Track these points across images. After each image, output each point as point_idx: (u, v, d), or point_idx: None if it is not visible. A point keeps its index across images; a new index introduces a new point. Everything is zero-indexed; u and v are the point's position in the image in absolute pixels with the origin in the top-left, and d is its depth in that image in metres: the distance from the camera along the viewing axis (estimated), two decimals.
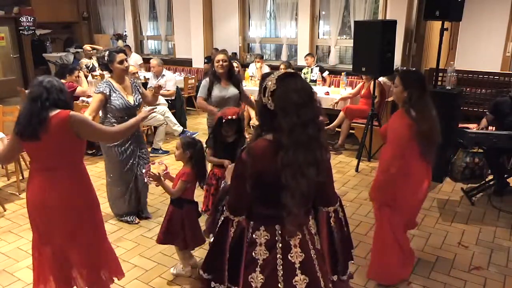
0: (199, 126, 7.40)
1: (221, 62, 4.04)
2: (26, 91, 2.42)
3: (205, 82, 4.16)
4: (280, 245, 1.83)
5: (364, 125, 5.60)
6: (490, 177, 4.46)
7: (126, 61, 3.75)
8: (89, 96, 6.00)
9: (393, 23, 5.18)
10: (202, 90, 4.16)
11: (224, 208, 1.89)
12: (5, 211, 4.26)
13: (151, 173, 2.89)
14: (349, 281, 2.06)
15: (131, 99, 3.74)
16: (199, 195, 3.92)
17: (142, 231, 3.85)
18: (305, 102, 1.71)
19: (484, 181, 4.36)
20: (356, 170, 5.39)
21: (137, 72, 6.09)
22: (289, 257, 1.82)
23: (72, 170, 2.47)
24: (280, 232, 1.83)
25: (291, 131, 1.70)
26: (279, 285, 1.80)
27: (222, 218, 1.89)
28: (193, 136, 3.19)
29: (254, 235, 1.85)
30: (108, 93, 3.64)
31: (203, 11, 8.98)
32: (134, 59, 9.04)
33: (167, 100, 6.70)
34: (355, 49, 5.42)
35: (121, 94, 3.69)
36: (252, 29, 9.00)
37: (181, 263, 3.23)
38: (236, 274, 1.87)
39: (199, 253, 3.42)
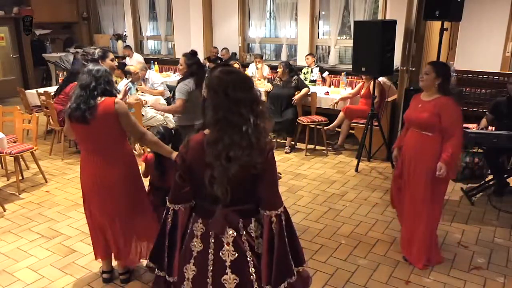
0: None
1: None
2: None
3: None
4: (213, 240, 1.84)
5: (364, 125, 5.60)
6: (490, 177, 4.46)
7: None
8: None
9: (393, 23, 5.18)
10: None
11: (167, 198, 1.97)
12: (5, 211, 4.26)
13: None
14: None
15: None
16: None
17: None
18: (234, 82, 1.74)
19: (484, 181, 4.36)
20: (356, 170, 5.39)
21: (138, 72, 6.08)
22: (220, 254, 1.82)
23: (118, 150, 2.79)
24: None
25: (215, 107, 1.73)
26: (208, 279, 1.81)
27: (166, 207, 1.97)
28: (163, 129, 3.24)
29: (193, 227, 1.89)
30: None
31: (203, 11, 8.97)
32: (136, 59, 9.04)
33: (166, 100, 6.71)
34: (355, 49, 5.42)
35: None
36: (252, 29, 9.00)
37: None
38: (171, 265, 1.93)
39: None
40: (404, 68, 5.52)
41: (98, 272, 3.20)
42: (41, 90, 6.96)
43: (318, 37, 8.14)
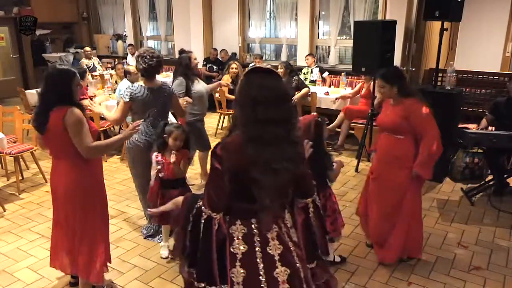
0: None
1: (197, 60, 4.29)
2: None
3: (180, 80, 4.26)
4: (258, 238, 1.82)
5: (364, 125, 5.60)
6: (490, 177, 4.46)
7: None
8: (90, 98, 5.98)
9: (393, 23, 5.18)
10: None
11: (203, 208, 1.82)
12: (5, 211, 4.26)
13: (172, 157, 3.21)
14: (326, 264, 2.12)
15: None
16: None
17: None
18: (265, 100, 1.67)
19: (483, 181, 4.36)
20: (356, 170, 5.39)
21: (138, 73, 6.07)
22: (267, 249, 1.82)
23: (74, 159, 2.67)
24: (256, 225, 1.83)
25: (244, 126, 1.70)
26: (261, 277, 1.79)
27: (203, 219, 1.82)
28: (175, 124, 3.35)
29: (230, 230, 1.84)
30: None
31: (203, 11, 8.98)
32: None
33: None
34: (355, 49, 5.42)
35: None
36: (252, 29, 9.00)
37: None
38: (224, 273, 1.83)
39: None
40: (404, 68, 5.52)
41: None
42: None
43: (318, 37, 8.15)
